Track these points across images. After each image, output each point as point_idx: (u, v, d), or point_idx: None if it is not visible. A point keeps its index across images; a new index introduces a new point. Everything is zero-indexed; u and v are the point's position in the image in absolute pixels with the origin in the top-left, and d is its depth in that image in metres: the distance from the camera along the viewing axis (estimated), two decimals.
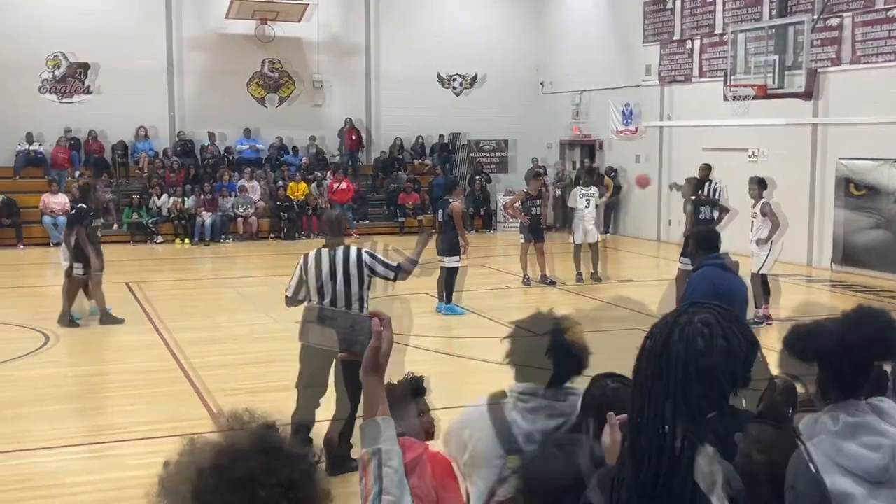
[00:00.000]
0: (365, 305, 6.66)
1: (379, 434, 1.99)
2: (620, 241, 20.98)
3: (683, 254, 12.32)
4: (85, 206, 11.69)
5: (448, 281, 12.59)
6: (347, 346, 2.12)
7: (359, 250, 6.75)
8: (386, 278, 6.75)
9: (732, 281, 6.03)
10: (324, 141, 23.75)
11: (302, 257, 6.83)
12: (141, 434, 7.48)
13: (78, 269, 11.51)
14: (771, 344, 5.72)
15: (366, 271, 6.66)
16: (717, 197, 15.92)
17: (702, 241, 6.40)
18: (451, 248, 12.59)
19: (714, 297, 5.71)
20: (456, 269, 12.61)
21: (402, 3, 24.26)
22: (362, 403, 2.06)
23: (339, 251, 6.71)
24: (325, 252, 6.73)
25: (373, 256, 6.72)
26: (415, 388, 3.89)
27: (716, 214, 12.91)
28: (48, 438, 7.36)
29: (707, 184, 17.53)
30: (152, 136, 22.44)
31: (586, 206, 15.25)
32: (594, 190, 15.81)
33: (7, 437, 7.46)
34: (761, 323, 11.26)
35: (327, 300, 6.56)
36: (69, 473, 6.75)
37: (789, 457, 2.98)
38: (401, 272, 6.76)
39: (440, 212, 13.17)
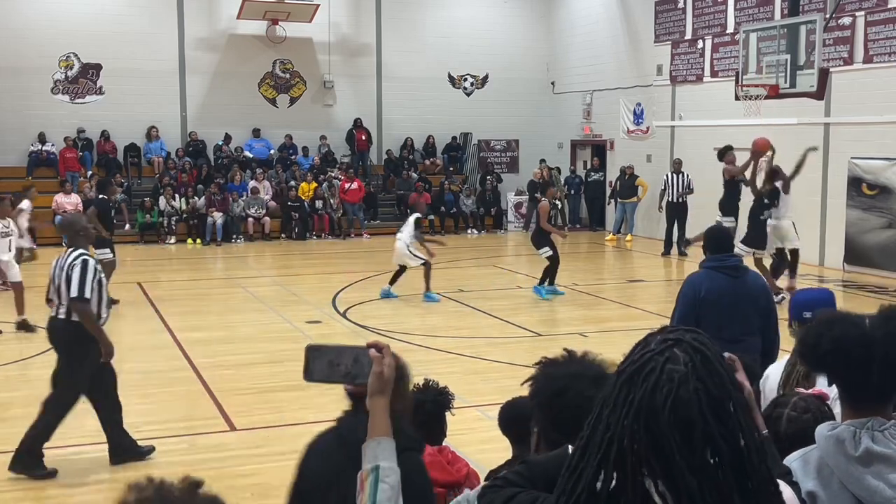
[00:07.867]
0: None
1: (380, 452, 2.15)
2: (634, 242, 20.94)
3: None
4: (105, 198, 13.26)
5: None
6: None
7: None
8: None
9: (730, 284, 5.61)
10: (333, 141, 23.78)
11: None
12: (152, 433, 7.51)
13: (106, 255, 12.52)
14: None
15: None
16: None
17: (710, 240, 5.92)
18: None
19: (699, 305, 5.60)
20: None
21: (412, 4, 24.28)
22: (369, 424, 2.20)
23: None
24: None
25: None
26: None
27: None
28: (59, 438, 7.36)
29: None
30: (163, 136, 22.51)
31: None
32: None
33: (17, 436, 7.48)
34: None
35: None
36: (80, 472, 6.78)
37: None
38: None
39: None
